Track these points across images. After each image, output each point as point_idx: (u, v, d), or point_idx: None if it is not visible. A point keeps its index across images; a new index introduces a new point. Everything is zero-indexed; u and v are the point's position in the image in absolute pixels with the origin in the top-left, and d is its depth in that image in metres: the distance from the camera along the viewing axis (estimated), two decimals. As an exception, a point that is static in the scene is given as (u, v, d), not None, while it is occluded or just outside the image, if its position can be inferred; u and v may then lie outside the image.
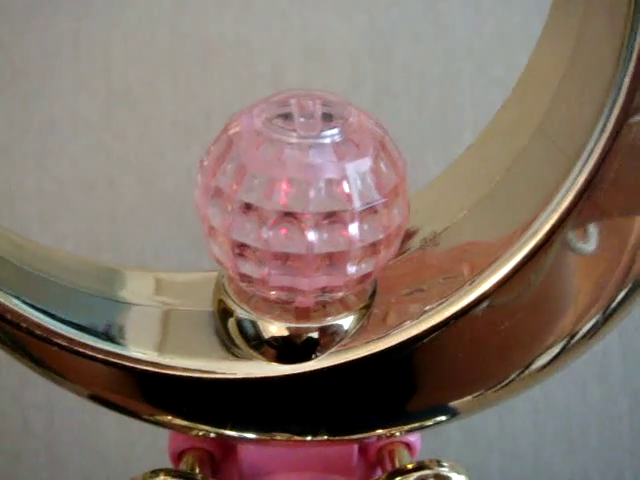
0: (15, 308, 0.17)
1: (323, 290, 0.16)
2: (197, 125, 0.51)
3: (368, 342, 0.16)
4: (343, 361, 0.16)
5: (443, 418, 0.19)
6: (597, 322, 0.17)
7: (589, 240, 0.16)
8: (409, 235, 0.18)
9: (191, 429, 0.19)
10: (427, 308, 0.16)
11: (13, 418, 0.50)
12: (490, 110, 0.51)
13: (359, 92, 0.52)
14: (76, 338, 0.18)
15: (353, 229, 0.15)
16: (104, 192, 0.51)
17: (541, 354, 0.17)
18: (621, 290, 0.16)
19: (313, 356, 0.16)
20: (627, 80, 0.16)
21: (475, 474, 0.50)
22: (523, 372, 0.17)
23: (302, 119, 0.16)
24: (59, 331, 0.18)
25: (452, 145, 0.52)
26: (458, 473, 0.21)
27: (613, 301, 0.16)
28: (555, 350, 0.17)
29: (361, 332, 0.17)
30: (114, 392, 0.20)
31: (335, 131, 0.17)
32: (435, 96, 0.51)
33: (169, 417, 0.20)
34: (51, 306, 0.18)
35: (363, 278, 0.16)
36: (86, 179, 0.51)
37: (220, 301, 0.18)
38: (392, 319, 0.17)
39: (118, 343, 0.18)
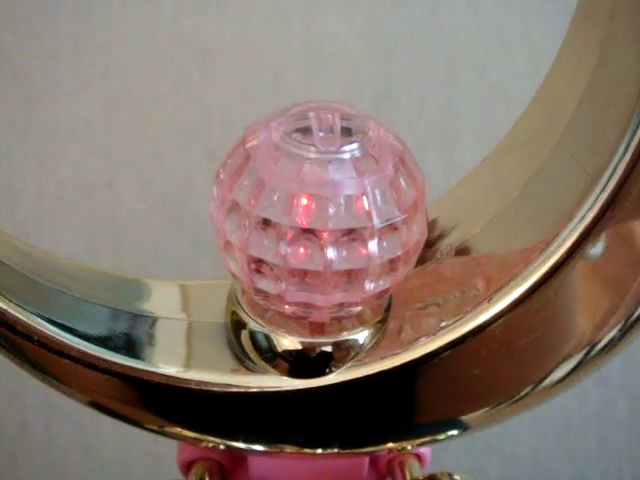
0: (26, 320, 0.17)
1: (340, 306, 0.16)
2: (197, 127, 0.51)
3: (383, 358, 0.16)
4: (357, 376, 0.16)
5: (455, 432, 0.19)
6: (614, 336, 0.17)
7: (605, 251, 0.16)
8: (425, 246, 0.17)
9: (200, 441, 0.18)
10: (443, 324, 0.16)
11: (11, 420, 0.50)
12: (490, 114, 0.51)
13: (359, 95, 0.52)
14: (86, 350, 0.18)
15: (372, 246, 0.15)
16: (104, 194, 0.51)
17: (556, 369, 0.17)
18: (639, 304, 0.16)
19: (327, 371, 0.16)
20: None
21: (475, 475, 0.50)
22: (537, 387, 0.17)
23: (321, 134, 0.17)
24: (70, 344, 0.18)
25: (452, 149, 0.52)
26: None
27: (632, 314, 0.17)
28: (571, 364, 0.17)
29: (376, 347, 0.17)
30: (120, 402, 0.19)
31: (355, 146, 0.16)
32: (435, 100, 0.51)
33: (178, 429, 0.19)
34: (60, 317, 0.18)
35: (380, 294, 0.16)
36: (86, 181, 0.51)
37: (233, 313, 0.17)
38: (407, 334, 0.16)
39: (127, 354, 0.18)
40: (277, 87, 0.51)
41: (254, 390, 0.17)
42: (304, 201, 0.15)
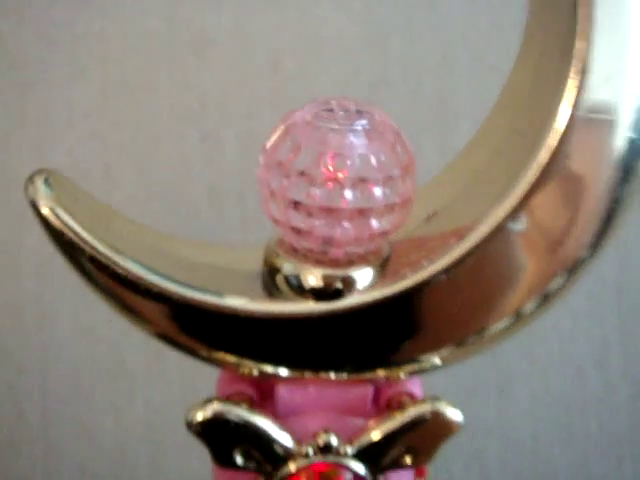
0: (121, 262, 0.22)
1: (353, 242, 0.21)
2: (193, 114, 0.51)
3: (383, 287, 0.22)
4: (362, 302, 0.21)
5: (429, 365, 0.23)
6: (539, 301, 0.21)
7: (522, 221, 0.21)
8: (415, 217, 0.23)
9: (239, 366, 0.22)
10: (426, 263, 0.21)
11: (7, 408, 0.50)
12: (486, 99, 0.51)
13: (356, 81, 0.52)
14: (161, 284, 0.22)
15: (377, 191, 0.21)
16: (100, 181, 0.51)
17: (496, 322, 0.22)
18: (557, 273, 0.21)
19: (341, 296, 0.21)
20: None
21: (473, 461, 0.50)
22: (483, 333, 0.23)
23: (341, 112, 0.22)
24: (150, 281, 0.22)
25: (449, 134, 0.52)
26: (454, 407, 0.24)
27: (550, 283, 0.21)
28: (506, 321, 0.22)
29: (378, 281, 0.22)
30: (179, 331, 0.23)
31: (365, 122, 0.22)
32: (431, 85, 0.51)
33: (222, 354, 0.22)
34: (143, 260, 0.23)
35: (383, 234, 0.22)
36: (82, 168, 0.51)
37: (270, 262, 0.23)
38: (403, 273, 0.22)
39: (190, 289, 0.22)
40: (274, 73, 0.51)
41: (288, 313, 0.21)
42: (330, 157, 0.21)
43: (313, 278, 0.21)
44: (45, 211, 0.23)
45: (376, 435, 0.22)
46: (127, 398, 0.50)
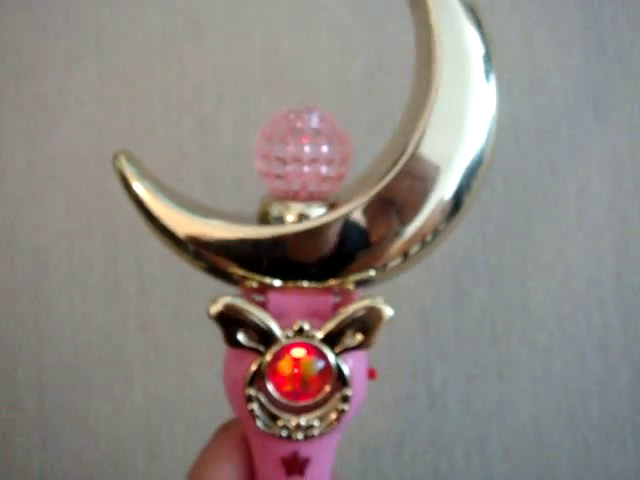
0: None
1: (311, 180, 0.31)
2: (189, 101, 0.51)
3: (336, 211, 0.31)
4: (318, 223, 0.30)
5: (366, 277, 0.31)
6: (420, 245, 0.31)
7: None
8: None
9: (246, 278, 0.31)
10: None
11: (2, 398, 0.49)
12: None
13: (352, 65, 0.51)
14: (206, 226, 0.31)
15: (324, 149, 0.32)
16: (95, 168, 0.51)
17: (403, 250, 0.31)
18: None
19: (308, 218, 0.31)
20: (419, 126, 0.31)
21: (474, 447, 0.49)
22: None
23: (305, 115, 0.32)
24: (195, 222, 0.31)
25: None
26: (388, 306, 0.30)
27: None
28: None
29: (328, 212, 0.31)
30: (213, 252, 0.31)
31: (318, 120, 0.32)
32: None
33: (235, 268, 0.30)
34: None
35: (328, 178, 0.32)
36: (77, 156, 0.51)
37: (264, 211, 0.32)
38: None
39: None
40: (269, 59, 0.51)
41: (279, 232, 0.30)
42: (300, 140, 0.32)
43: (287, 210, 0.31)
44: (135, 185, 0.33)
45: (334, 323, 0.30)
46: (124, 386, 0.50)
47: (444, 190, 0.30)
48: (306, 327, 0.29)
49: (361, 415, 0.50)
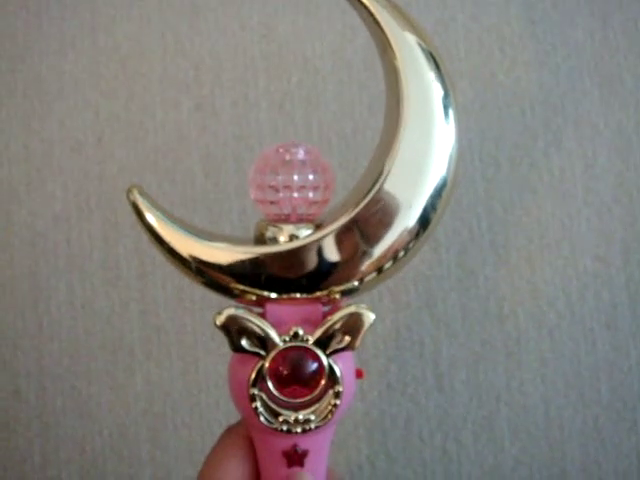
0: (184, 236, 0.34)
1: (300, 205, 0.35)
2: (186, 81, 0.50)
3: (320, 232, 0.34)
4: (310, 240, 0.34)
5: (351, 287, 0.34)
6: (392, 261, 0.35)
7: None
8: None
9: (246, 292, 0.34)
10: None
11: (3, 386, 0.49)
12: (485, 58, 0.50)
13: (351, 45, 0.51)
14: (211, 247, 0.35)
15: (310, 177, 0.35)
16: (93, 151, 0.50)
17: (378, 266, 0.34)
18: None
19: (299, 238, 0.35)
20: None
21: (483, 428, 0.49)
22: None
23: (293, 149, 0.36)
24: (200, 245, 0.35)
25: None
26: (371, 311, 0.33)
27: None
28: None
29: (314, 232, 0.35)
30: (215, 270, 0.34)
31: (304, 154, 0.36)
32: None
33: (234, 284, 0.34)
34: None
35: (315, 203, 0.35)
36: (74, 138, 0.50)
37: (260, 233, 0.35)
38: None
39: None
40: (267, 38, 0.50)
41: (272, 250, 0.34)
42: (285, 169, 0.35)
43: (280, 232, 0.35)
44: (149, 217, 0.34)
45: (324, 328, 0.33)
46: (126, 373, 0.49)
47: (408, 218, 0.34)
48: (300, 332, 0.33)
49: (367, 397, 0.50)
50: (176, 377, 0.49)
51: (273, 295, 0.34)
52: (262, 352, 0.33)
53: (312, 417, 0.33)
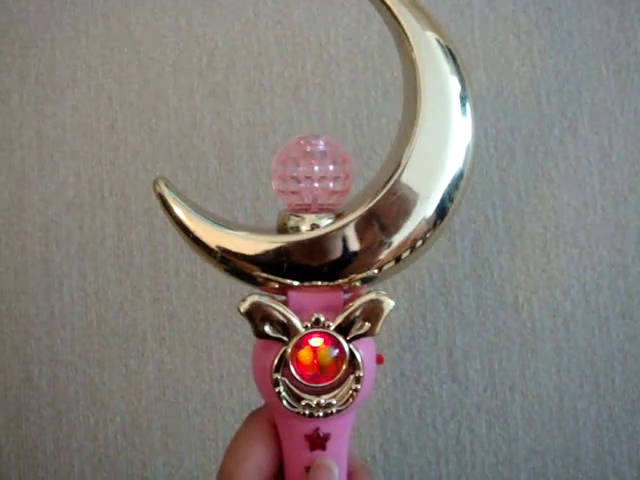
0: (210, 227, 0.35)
1: (320, 195, 0.36)
2: (199, 67, 0.50)
3: (340, 221, 0.35)
4: (329, 230, 0.35)
5: (371, 274, 0.35)
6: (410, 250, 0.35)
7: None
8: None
9: (269, 280, 0.35)
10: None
11: (15, 373, 0.49)
12: (501, 45, 0.50)
13: (366, 31, 0.50)
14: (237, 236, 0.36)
15: (331, 167, 0.36)
16: (106, 137, 0.49)
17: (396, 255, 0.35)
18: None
19: (321, 227, 0.35)
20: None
21: (497, 417, 0.48)
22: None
23: (313, 140, 0.37)
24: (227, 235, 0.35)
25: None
26: (390, 298, 0.34)
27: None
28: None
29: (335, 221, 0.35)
30: (240, 259, 0.35)
31: (324, 145, 0.36)
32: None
33: (257, 272, 0.35)
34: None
35: (335, 192, 0.36)
36: (87, 124, 0.50)
37: (281, 218, 0.36)
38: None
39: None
40: (281, 24, 0.50)
41: (295, 239, 0.35)
42: (309, 162, 0.36)
43: (302, 222, 0.35)
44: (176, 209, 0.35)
45: (344, 315, 0.34)
46: (138, 361, 0.49)
47: (426, 208, 0.35)
48: (322, 318, 0.34)
49: (381, 386, 0.49)
50: (189, 365, 0.48)
51: (295, 283, 0.35)
52: (285, 338, 0.34)
53: (334, 401, 0.34)
